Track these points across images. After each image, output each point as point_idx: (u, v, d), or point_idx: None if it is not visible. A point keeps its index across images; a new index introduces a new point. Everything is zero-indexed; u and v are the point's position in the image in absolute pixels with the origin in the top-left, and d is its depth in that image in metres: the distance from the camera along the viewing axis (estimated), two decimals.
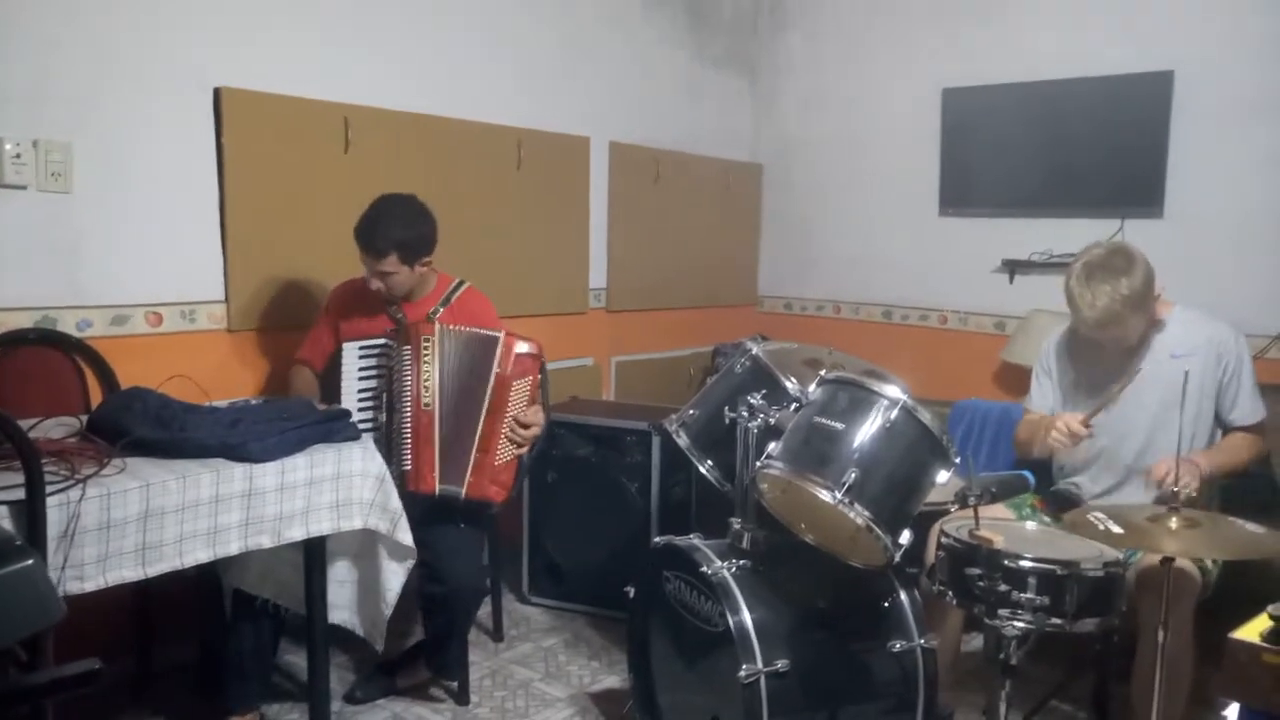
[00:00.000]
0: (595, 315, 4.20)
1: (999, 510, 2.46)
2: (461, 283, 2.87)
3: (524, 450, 2.73)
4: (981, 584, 1.94)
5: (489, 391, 2.63)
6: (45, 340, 2.57)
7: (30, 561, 0.84)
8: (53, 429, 2.15)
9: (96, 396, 2.62)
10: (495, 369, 2.63)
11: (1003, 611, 1.93)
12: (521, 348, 2.68)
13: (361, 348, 2.64)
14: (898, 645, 2.20)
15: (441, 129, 3.45)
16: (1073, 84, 3.87)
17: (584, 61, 4.02)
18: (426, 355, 2.59)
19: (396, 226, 2.61)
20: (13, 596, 0.84)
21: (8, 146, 2.46)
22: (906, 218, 4.44)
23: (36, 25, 2.50)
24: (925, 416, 2.07)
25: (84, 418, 2.26)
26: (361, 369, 2.64)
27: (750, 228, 4.97)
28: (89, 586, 1.84)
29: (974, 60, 4.16)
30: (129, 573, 1.93)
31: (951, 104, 4.23)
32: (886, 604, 2.26)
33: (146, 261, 2.77)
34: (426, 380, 2.59)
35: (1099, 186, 3.83)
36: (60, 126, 2.55)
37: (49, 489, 1.77)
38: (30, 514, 1.73)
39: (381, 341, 2.65)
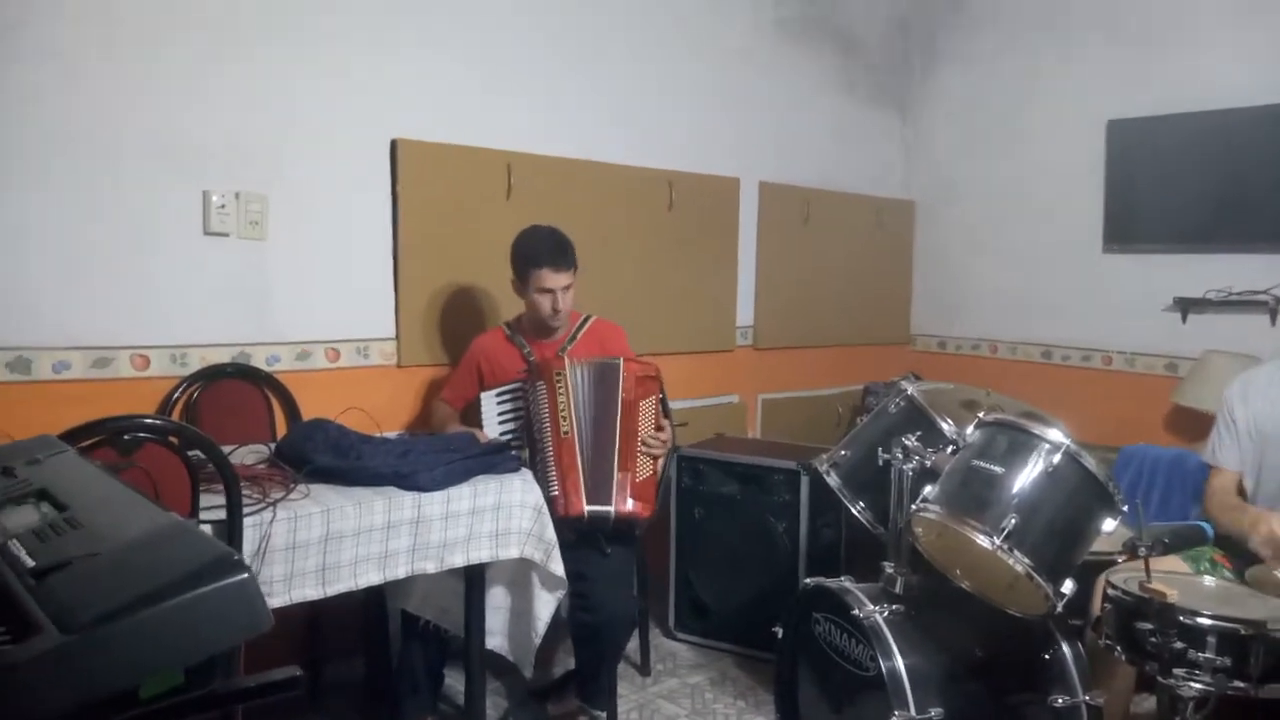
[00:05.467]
0: (742, 353, 4.23)
1: (1173, 563, 2.32)
2: (589, 316, 2.99)
3: (659, 461, 2.79)
4: (1154, 640, 1.84)
5: (620, 416, 2.72)
6: (240, 374, 2.81)
7: (246, 575, 0.93)
8: (246, 455, 2.34)
9: (281, 425, 2.84)
10: (621, 394, 2.72)
11: (1178, 671, 1.82)
12: (641, 371, 2.77)
13: (499, 394, 2.78)
14: (1060, 700, 2.11)
15: (597, 173, 3.58)
16: (1251, 112, 3.65)
17: (734, 103, 4.09)
18: (560, 388, 2.69)
19: (571, 243, 2.80)
20: (231, 606, 0.93)
21: (214, 198, 2.72)
22: (1067, 254, 4.28)
23: (236, 89, 2.76)
24: (1089, 461, 2.00)
25: (271, 445, 2.45)
26: (500, 413, 2.77)
27: (903, 265, 4.90)
28: (276, 603, 1.99)
29: (1141, 90, 3.99)
30: (311, 591, 2.07)
31: (1117, 136, 4.06)
32: (1047, 656, 2.17)
33: (327, 301, 2.99)
34: (563, 411, 2.68)
35: None
36: (258, 179, 2.81)
37: (245, 511, 1.94)
38: (229, 532, 1.89)
39: (515, 385, 2.77)
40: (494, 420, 2.76)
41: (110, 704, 0.88)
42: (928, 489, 2.13)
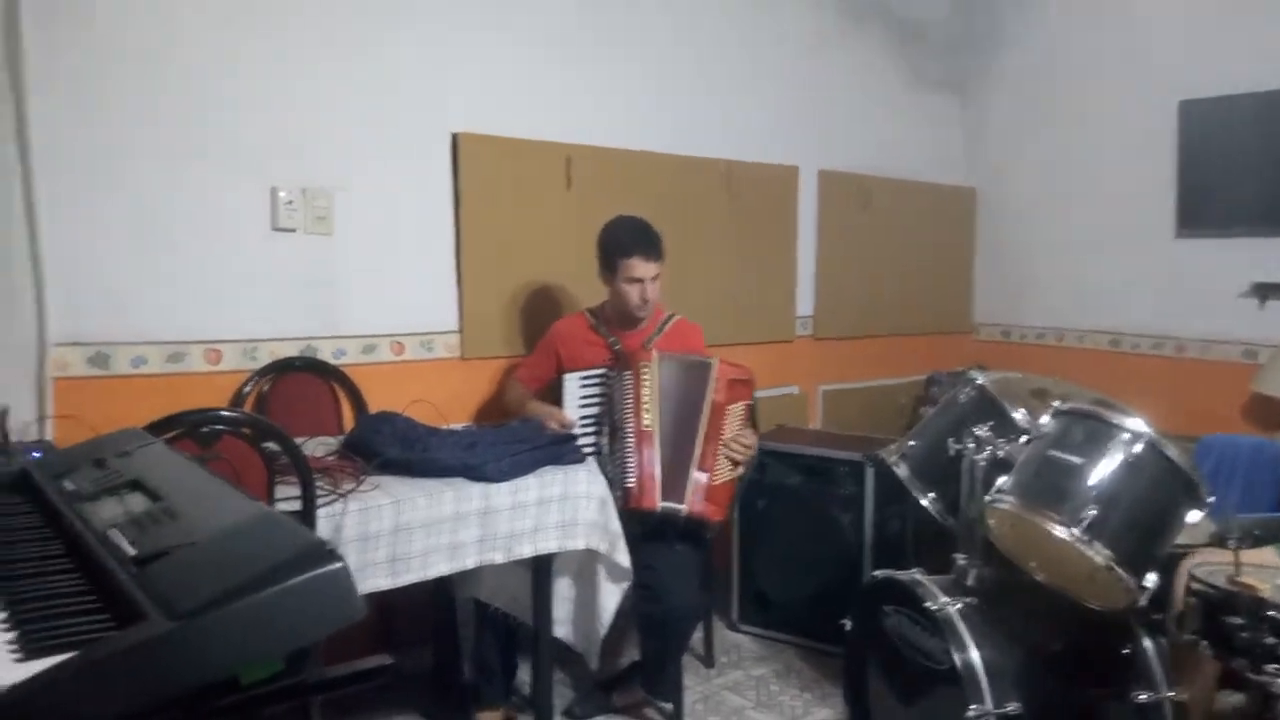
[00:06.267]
0: (802, 343, 4.19)
1: (1265, 555, 2.24)
2: (673, 314, 2.98)
3: (740, 471, 2.77)
4: (1244, 635, 1.78)
5: (706, 416, 2.70)
6: (308, 367, 2.85)
7: (341, 564, 0.94)
8: (315, 447, 2.37)
9: (348, 418, 2.88)
10: (711, 395, 2.70)
11: (1270, 667, 1.77)
12: (734, 374, 2.75)
13: (583, 377, 2.77)
14: (1142, 696, 2.05)
15: (656, 163, 3.57)
16: None
17: (792, 90, 4.05)
18: (646, 380, 2.69)
19: (659, 235, 2.80)
20: (327, 594, 0.94)
21: (281, 194, 2.76)
22: (1138, 240, 4.16)
23: (301, 88, 2.79)
24: (1173, 451, 1.94)
25: (340, 438, 2.48)
26: (583, 397, 2.76)
27: (964, 253, 4.81)
28: None
29: (1215, 69, 3.85)
30: (382, 581, 2.10)
31: (1190, 117, 3.93)
32: (1128, 650, 2.11)
33: (392, 295, 3.02)
34: (646, 404, 2.68)
35: None
36: (324, 175, 2.84)
37: (319, 502, 1.97)
38: (304, 523, 1.92)
39: (601, 371, 2.76)
40: (575, 402, 2.74)
41: (212, 690, 0.90)
42: (1001, 480, 2.08)
